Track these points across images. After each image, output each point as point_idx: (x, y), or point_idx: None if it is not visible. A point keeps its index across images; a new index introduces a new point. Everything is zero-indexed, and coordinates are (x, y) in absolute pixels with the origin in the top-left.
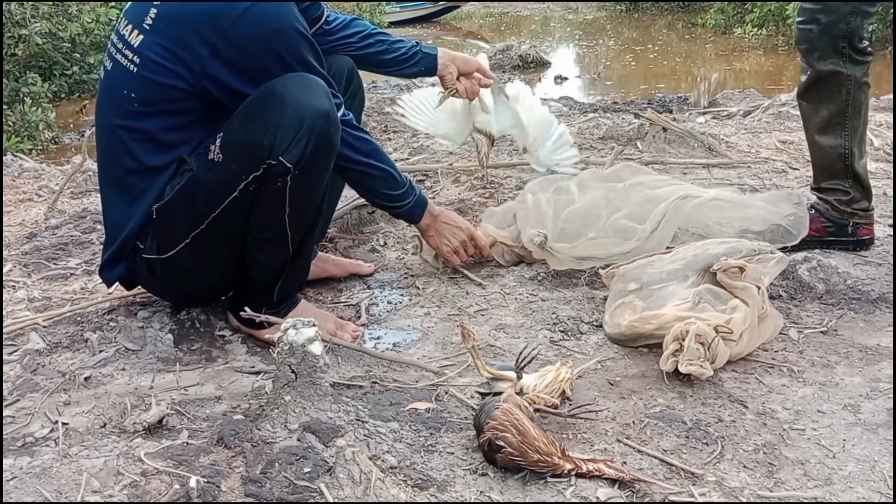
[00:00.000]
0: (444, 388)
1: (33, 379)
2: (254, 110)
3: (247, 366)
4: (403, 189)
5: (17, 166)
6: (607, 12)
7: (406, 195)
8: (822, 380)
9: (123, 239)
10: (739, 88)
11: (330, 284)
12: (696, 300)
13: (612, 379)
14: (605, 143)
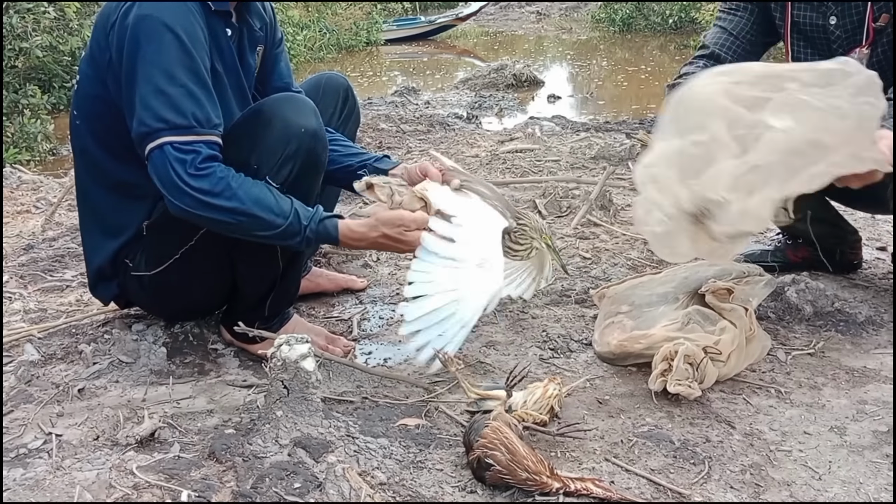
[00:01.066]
0: (433, 404)
1: (27, 390)
2: (242, 130)
3: (239, 379)
4: (280, 228)
5: (16, 178)
6: (600, 33)
7: (288, 231)
8: (809, 401)
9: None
10: None
11: (322, 299)
12: (684, 321)
13: (600, 397)
14: (597, 163)
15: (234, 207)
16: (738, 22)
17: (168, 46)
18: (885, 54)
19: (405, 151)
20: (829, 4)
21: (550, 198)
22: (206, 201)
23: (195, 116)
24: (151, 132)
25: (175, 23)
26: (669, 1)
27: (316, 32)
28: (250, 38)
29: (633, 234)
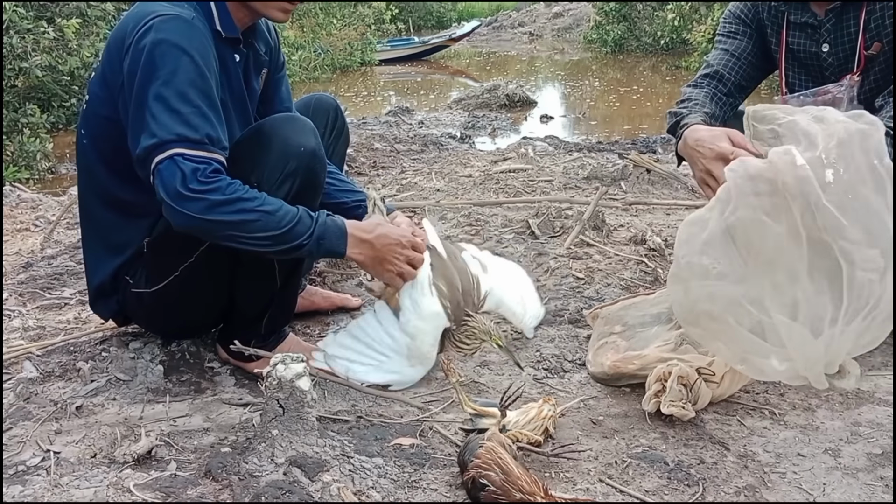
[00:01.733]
0: (428, 423)
1: (26, 407)
2: (242, 149)
3: (235, 398)
4: (289, 224)
5: (16, 197)
6: (593, 53)
7: (297, 229)
8: (803, 423)
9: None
10: None
11: (318, 317)
12: (678, 342)
13: (594, 418)
14: (590, 183)
15: (243, 207)
16: (739, 44)
17: (184, 68)
18: (877, 82)
19: (399, 171)
20: (822, 32)
21: (543, 218)
22: (216, 201)
23: (208, 135)
24: (162, 143)
25: (191, 47)
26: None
27: (311, 53)
28: (255, 62)
29: (625, 255)
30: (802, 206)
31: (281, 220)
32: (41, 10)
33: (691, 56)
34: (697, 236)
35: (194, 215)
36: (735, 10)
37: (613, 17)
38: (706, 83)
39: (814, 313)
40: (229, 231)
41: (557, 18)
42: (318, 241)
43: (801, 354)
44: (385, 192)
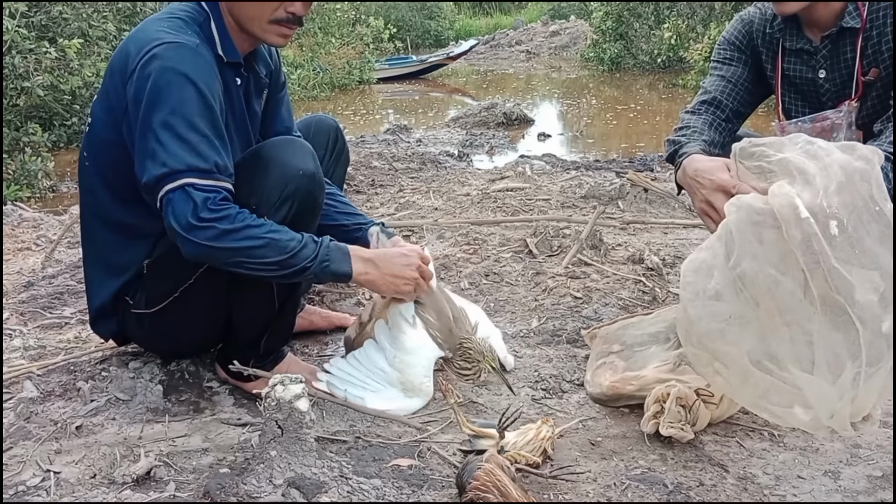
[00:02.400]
0: (426, 444)
1: (26, 427)
2: (242, 172)
3: (233, 418)
4: (295, 249)
5: (17, 216)
6: (589, 71)
7: (302, 253)
8: (803, 444)
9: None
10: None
11: (316, 337)
12: (676, 362)
13: (593, 439)
14: (588, 202)
15: (252, 234)
16: (735, 70)
17: (190, 97)
18: (875, 107)
19: (397, 189)
20: (818, 58)
21: (541, 237)
22: (225, 229)
23: (216, 163)
24: (172, 174)
25: (196, 75)
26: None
27: (310, 71)
28: (256, 85)
29: (623, 275)
30: (811, 262)
31: (286, 246)
32: (43, 30)
33: (688, 74)
34: (706, 283)
35: (204, 243)
36: (730, 36)
37: (610, 36)
38: (704, 109)
39: (833, 367)
40: (237, 257)
41: (554, 37)
42: (322, 264)
43: (823, 407)
44: (383, 211)
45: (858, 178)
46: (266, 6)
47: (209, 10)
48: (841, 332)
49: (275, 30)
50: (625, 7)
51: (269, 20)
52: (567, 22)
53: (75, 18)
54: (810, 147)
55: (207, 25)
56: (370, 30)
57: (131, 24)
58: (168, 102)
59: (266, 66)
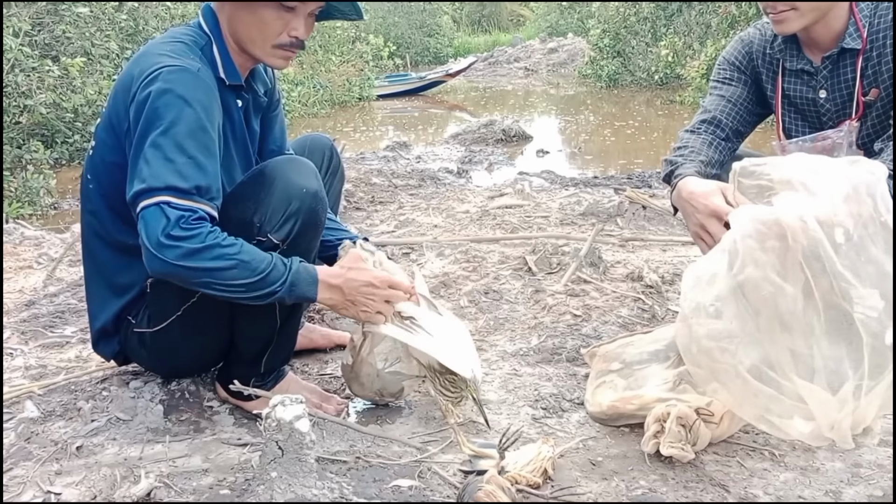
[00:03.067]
0: (426, 464)
1: (27, 447)
2: (246, 190)
3: (234, 437)
4: (265, 272)
5: (19, 234)
6: (587, 88)
7: (271, 276)
8: (804, 464)
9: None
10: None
11: (316, 355)
12: (676, 381)
13: (593, 459)
14: (586, 219)
15: (220, 254)
16: (735, 90)
17: (185, 119)
18: (875, 126)
19: (397, 206)
20: (819, 79)
21: (540, 254)
22: (193, 248)
23: (197, 186)
24: (151, 190)
25: (194, 98)
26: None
27: (310, 89)
28: (255, 104)
29: (622, 292)
30: (816, 269)
31: (256, 269)
32: (46, 48)
33: (685, 90)
34: (707, 293)
35: (171, 261)
36: (729, 56)
37: (608, 53)
38: (703, 128)
39: (834, 377)
40: (204, 278)
41: (552, 54)
42: (290, 288)
43: (824, 417)
44: (383, 228)
45: (864, 189)
46: (269, 31)
47: (211, 33)
48: (843, 342)
49: (278, 53)
50: (622, 25)
51: (272, 45)
52: (565, 39)
53: (78, 37)
54: (812, 163)
55: (210, 49)
56: (370, 47)
57: (134, 42)
58: (161, 123)
59: (264, 85)
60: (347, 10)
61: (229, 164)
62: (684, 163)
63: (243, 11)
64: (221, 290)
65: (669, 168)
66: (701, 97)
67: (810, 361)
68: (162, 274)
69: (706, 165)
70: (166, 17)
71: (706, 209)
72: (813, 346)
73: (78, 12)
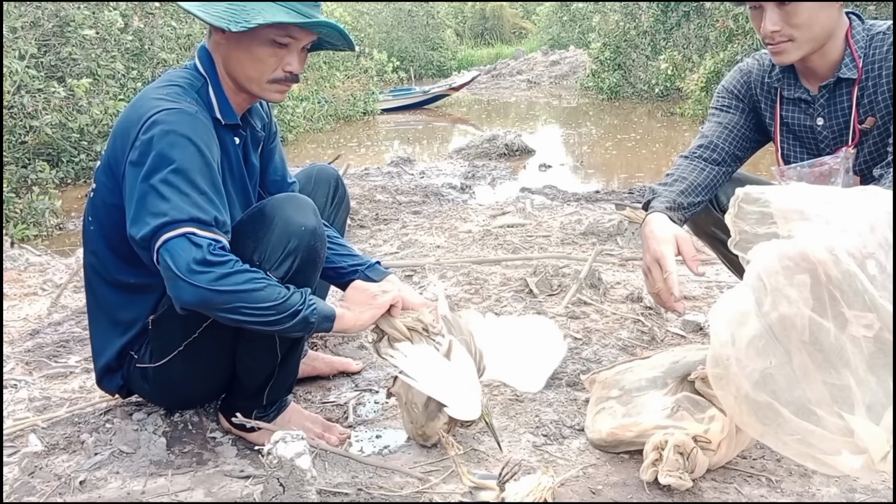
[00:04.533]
0: (428, 495)
1: (30, 482)
2: (245, 228)
3: (236, 469)
4: (286, 295)
5: (24, 260)
6: (589, 100)
7: (292, 298)
8: (800, 490)
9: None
10: None
11: (319, 383)
12: (674, 408)
13: (593, 487)
14: (587, 239)
15: (251, 278)
16: (732, 117)
17: (191, 156)
18: (871, 154)
19: (400, 226)
20: (816, 107)
21: (541, 276)
22: (225, 272)
23: (216, 218)
24: (174, 223)
25: (196, 137)
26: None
27: (315, 104)
28: (253, 139)
29: (622, 314)
30: (855, 303)
31: (278, 292)
32: (52, 70)
33: (685, 103)
34: (741, 334)
35: (204, 286)
36: (728, 85)
37: (609, 66)
38: (699, 154)
39: (875, 408)
40: (235, 302)
41: (554, 66)
42: (311, 308)
43: (876, 450)
44: (386, 249)
45: (886, 219)
46: (265, 68)
47: (207, 74)
48: (884, 372)
49: (273, 88)
50: (622, 38)
51: (268, 80)
52: (566, 52)
53: (84, 59)
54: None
55: (205, 90)
56: (374, 62)
57: (139, 62)
58: (170, 162)
59: (261, 120)
60: (338, 42)
61: (228, 202)
62: (661, 194)
63: (238, 51)
64: (250, 313)
65: (648, 198)
66: (700, 109)
67: (851, 394)
68: (194, 301)
69: (684, 195)
70: (171, 37)
71: (655, 254)
72: (851, 378)
73: (84, 34)
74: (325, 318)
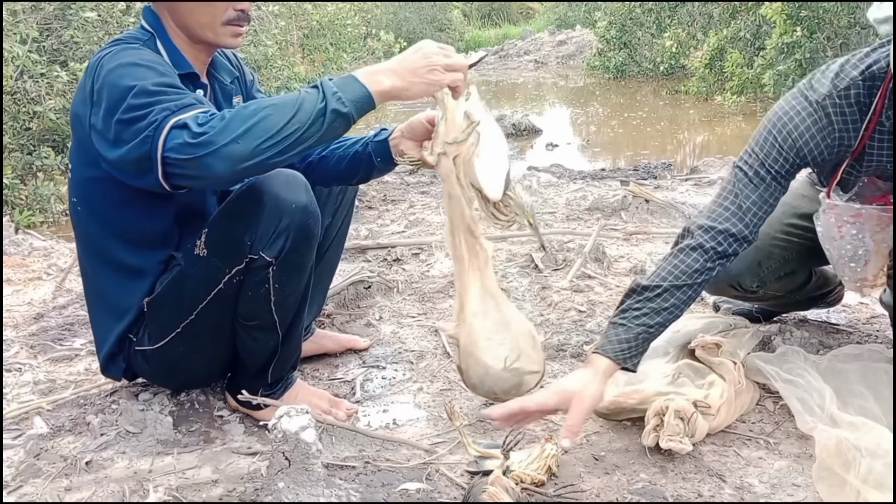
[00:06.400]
0: (434, 466)
1: (36, 464)
2: (235, 207)
3: (244, 447)
4: (298, 101)
5: (28, 245)
6: (595, 79)
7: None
8: (798, 451)
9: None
10: (720, 155)
11: (327, 360)
12: (675, 375)
13: (596, 454)
14: (592, 214)
15: (248, 114)
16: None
17: (144, 74)
18: None
19: (408, 205)
20: None
21: (547, 251)
22: (222, 126)
23: (195, 98)
24: (157, 128)
25: (143, 59)
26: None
27: None
28: (223, 92)
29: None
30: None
31: (287, 104)
32: (55, 54)
33: (689, 80)
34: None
35: (215, 147)
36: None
37: (615, 45)
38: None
39: None
40: (256, 142)
41: (561, 46)
42: (335, 96)
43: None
44: (394, 228)
45: None
46: (217, 9)
47: (153, 28)
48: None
49: (228, 31)
50: (627, 16)
51: (222, 22)
52: (573, 31)
53: (86, 42)
54: None
55: (153, 43)
56: (381, 44)
57: None
58: (128, 89)
59: (229, 74)
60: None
61: None
62: (620, 326)
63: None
64: (278, 144)
65: (608, 322)
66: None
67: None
68: (223, 168)
69: (652, 329)
70: None
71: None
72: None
73: (85, 17)
74: (359, 99)
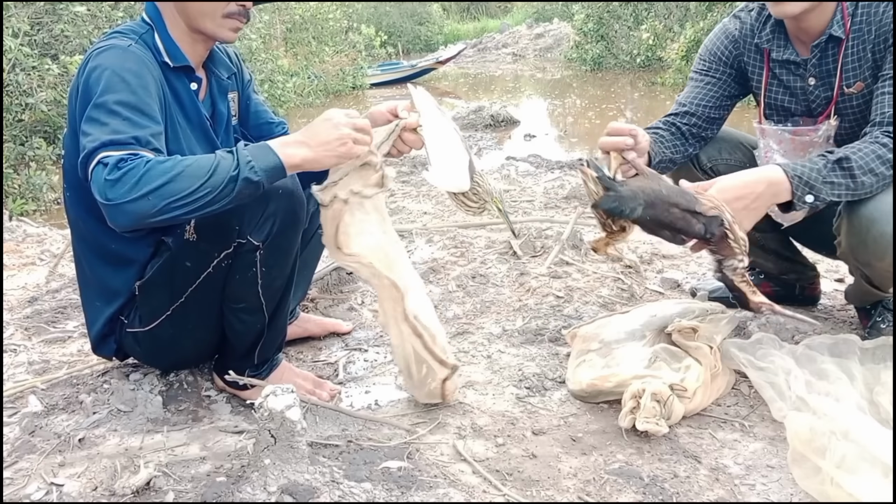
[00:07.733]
0: (415, 445)
1: (31, 441)
2: None
3: (230, 425)
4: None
5: (22, 231)
6: (573, 71)
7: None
8: (772, 434)
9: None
10: None
11: (310, 343)
12: (652, 358)
13: (574, 435)
14: (569, 203)
15: (163, 170)
16: (715, 82)
17: (113, 87)
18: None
19: (388, 195)
20: (809, 67)
21: (525, 238)
22: (137, 178)
23: (135, 137)
24: (89, 154)
25: (122, 68)
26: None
27: (304, 79)
28: (220, 87)
29: (602, 273)
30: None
31: (203, 167)
32: (46, 47)
33: (666, 73)
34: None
35: (122, 202)
36: (713, 48)
37: (592, 37)
38: (677, 122)
39: None
40: (162, 202)
41: (539, 39)
42: (248, 165)
43: None
44: None
45: None
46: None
47: (153, 21)
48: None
49: (228, 24)
50: (605, 9)
51: (222, 15)
52: (551, 24)
53: (76, 35)
54: None
55: (151, 35)
56: (362, 37)
57: None
58: (93, 96)
59: (227, 69)
60: None
61: (190, 146)
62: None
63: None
64: (186, 205)
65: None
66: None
67: None
68: (125, 222)
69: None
70: None
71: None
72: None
73: (76, 11)
74: (271, 168)
